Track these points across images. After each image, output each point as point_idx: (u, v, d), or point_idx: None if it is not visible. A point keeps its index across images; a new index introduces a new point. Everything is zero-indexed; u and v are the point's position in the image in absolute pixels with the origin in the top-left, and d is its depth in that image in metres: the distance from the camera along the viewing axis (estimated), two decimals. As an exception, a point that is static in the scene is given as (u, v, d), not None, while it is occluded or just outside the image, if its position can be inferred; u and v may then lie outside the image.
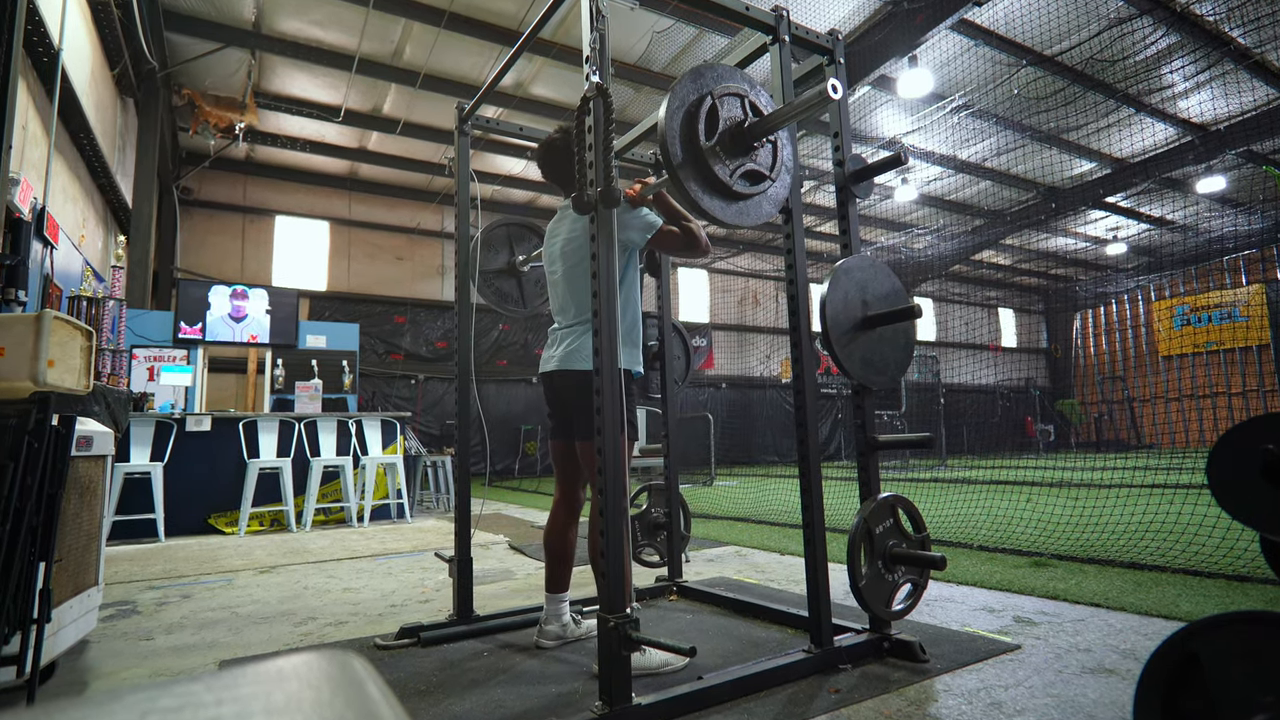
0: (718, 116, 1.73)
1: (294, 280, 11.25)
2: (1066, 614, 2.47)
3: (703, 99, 1.72)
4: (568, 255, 2.24)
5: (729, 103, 1.78)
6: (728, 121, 1.75)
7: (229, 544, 4.80)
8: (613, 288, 1.75)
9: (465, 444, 2.63)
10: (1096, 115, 9.88)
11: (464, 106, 2.75)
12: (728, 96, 1.78)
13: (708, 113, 1.72)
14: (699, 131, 1.69)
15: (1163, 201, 13.31)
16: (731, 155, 1.74)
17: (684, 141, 1.68)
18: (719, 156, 1.71)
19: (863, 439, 2.17)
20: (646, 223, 2.14)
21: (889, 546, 2.05)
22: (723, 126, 1.73)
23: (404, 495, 6.00)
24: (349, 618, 2.75)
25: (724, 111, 1.75)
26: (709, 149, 1.69)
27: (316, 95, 9.18)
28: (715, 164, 1.69)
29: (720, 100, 1.75)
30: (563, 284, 2.27)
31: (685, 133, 1.69)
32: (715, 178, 1.69)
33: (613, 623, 1.59)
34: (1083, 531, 3.93)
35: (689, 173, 1.66)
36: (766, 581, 3.23)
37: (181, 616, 2.80)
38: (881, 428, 11.87)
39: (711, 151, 1.70)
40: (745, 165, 1.76)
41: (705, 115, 1.71)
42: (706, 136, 1.70)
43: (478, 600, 2.69)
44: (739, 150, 1.76)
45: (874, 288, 2.16)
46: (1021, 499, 5.80)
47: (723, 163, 1.71)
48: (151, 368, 6.44)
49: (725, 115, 1.75)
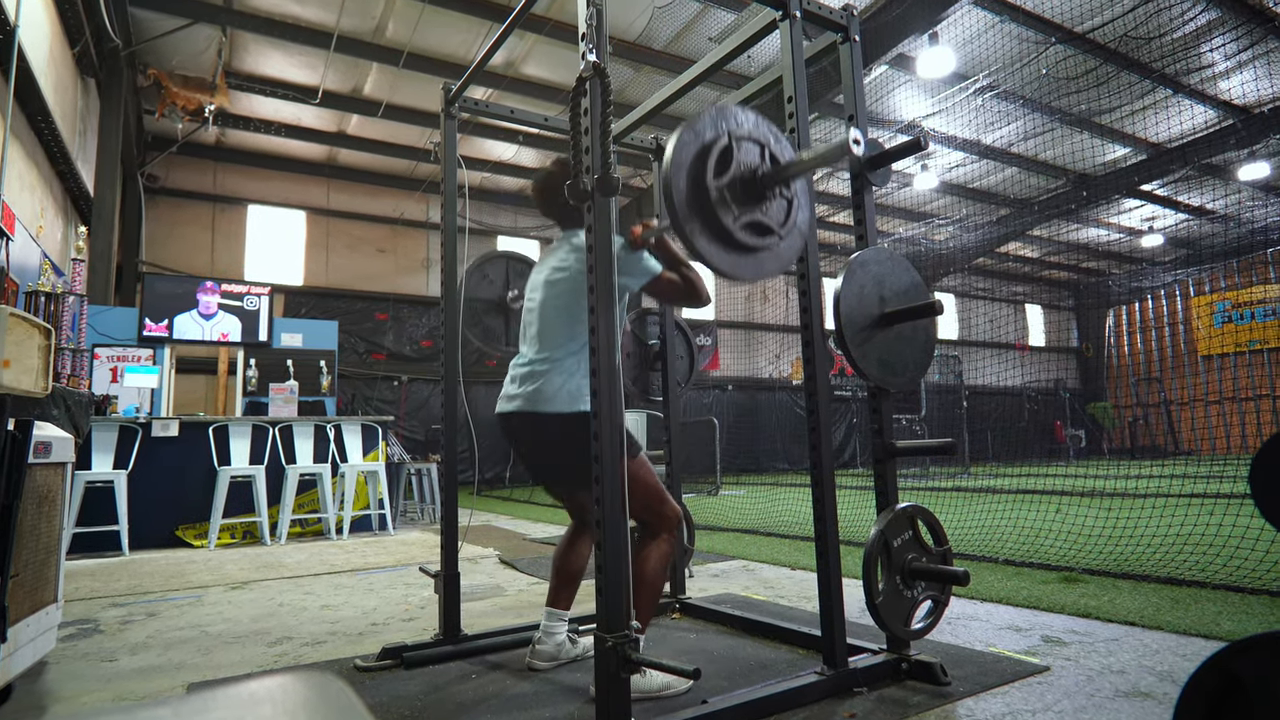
0: (731, 160, 1.71)
1: (268, 274, 11.25)
2: (1099, 633, 2.47)
3: (718, 139, 1.71)
4: (553, 283, 2.17)
5: (747, 148, 1.76)
6: (742, 166, 1.74)
7: (198, 558, 4.79)
8: (612, 295, 1.74)
9: (452, 450, 2.63)
10: (1130, 97, 9.88)
11: (451, 87, 2.75)
12: (747, 142, 1.76)
13: (721, 153, 1.70)
14: (708, 171, 1.67)
15: (1202, 190, 13.31)
16: (740, 203, 1.72)
17: (690, 178, 1.66)
18: (726, 202, 1.69)
19: (879, 445, 2.17)
20: (645, 268, 2.10)
21: (908, 560, 2.05)
22: (735, 171, 1.72)
23: (386, 505, 6.00)
24: (327, 637, 2.75)
25: (740, 155, 1.73)
26: (716, 190, 1.67)
27: (292, 75, 9.18)
28: (720, 208, 1.67)
29: (737, 143, 1.73)
30: (538, 312, 2.18)
31: (693, 170, 1.66)
32: (718, 222, 1.67)
33: (611, 642, 1.59)
34: (1116, 544, 3.93)
35: (691, 212, 1.64)
36: (776, 598, 3.22)
37: (147, 636, 2.80)
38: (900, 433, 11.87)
39: (719, 193, 1.68)
40: (753, 216, 1.74)
41: (718, 156, 1.69)
42: (715, 176, 1.68)
43: (466, 618, 2.69)
44: (749, 199, 1.74)
45: (892, 282, 2.16)
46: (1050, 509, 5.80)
47: (729, 208, 1.69)
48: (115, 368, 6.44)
49: (741, 160, 1.73)
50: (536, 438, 2.12)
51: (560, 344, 2.10)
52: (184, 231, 10.90)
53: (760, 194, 1.75)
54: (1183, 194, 13.65)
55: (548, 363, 2.10)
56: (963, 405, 11.94)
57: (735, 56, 2.49)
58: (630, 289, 2.12)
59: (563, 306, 2.12)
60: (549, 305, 2.16)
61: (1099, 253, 17.20)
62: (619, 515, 1.68)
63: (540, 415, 2.06)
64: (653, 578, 2.05)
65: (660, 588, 2.09)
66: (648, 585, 2.04)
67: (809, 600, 3.13)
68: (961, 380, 13.17)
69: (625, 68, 8.98)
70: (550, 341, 2.12)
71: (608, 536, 1.65)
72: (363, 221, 12.27)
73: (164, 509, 5.36)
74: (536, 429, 2.09)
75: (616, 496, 1.69)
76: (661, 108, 2.89)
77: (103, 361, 6.42)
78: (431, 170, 11.81)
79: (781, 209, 1.81)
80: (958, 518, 5.33)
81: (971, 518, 5.30)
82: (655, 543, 2.07)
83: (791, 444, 14.68)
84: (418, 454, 10.16)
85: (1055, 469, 12.12)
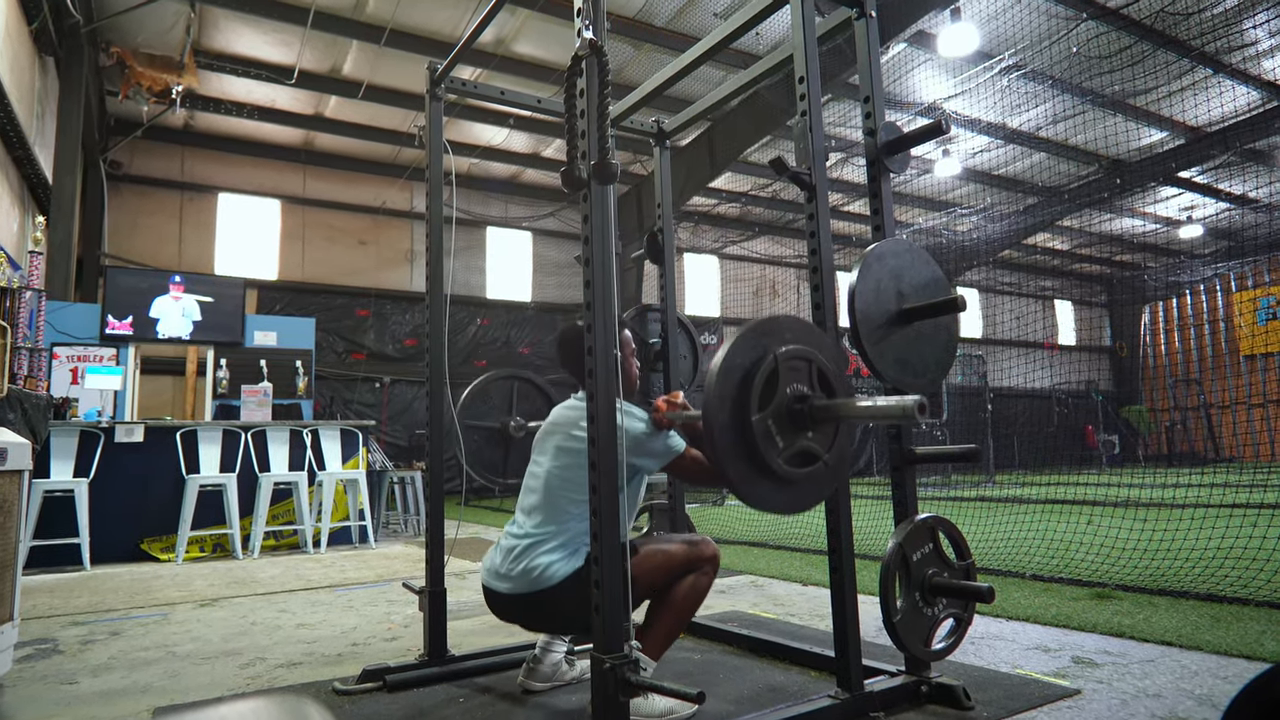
0: (776, 385, 1.70)
1: (240, 268, 11.25)
2: (1133, 654, 2.47)
3: (763, 359, 1.69)
4: (565, 451, 2.11)
5: (794, 369, 1.74)
6: (790, 394, 1.72)
7: (165, 573, 4.79)
8: (609, 279, 1.74)
9: (438, 457, 2.63)
10: (1168, 77, 9.88)
11: (436, 67, 2.75)
12: (795, 362, 1.74)
13: (766, 379, 1.68)
14: (752, 402, 1.65)
15: (1245, 177, 13.31)
16: (784, 433, 1.71)
17: (734, 410, 1.64)
18: (770, 436, 1.67)
19: (897, 451, 2.17)
20: (668, 447, 2.06)
21: (928, 576, 2.05)
22: (779, 400, 1.70)
23: (367, 517, 6.00)
24: (303, 658, 2.75)
25: (785, 380, 1.71)
26: (759, 424, 1.65)
27: (266, 54, 9.17)
28: (764, 443, 1.65)
29: (782, 364, 1.71)
30: (543, 480, 2.13)
31: (737, 401, 1.65)
32: (761, 459, 1.65)
33: (609, 664, 1.59)
34: (1152, 558, 3.93)
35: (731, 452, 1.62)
36: (786, 616, 3.23)
37: (110, 657, 2.80)
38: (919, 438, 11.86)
39: (763, 428, 1.66)
40: (798, 445, 1.72)
41: (763, 383, 1.67)
42: (760, 408, 1.66)
43: (453, 637, 2.69)
44: (794, 429, 1.72)
45: (911, 276, 2.16)
46: (1081, 521, 5.80)
47: (773, 443, 1.68)
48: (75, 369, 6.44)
49: (786, 385, 1.72)
50: (533, 614, 2.08)
51: (563, 520, 2.05)
52: (150, 222, 10.90)
53: (805, 426, 1.73)
54: (1224, 181, 13.64)
55: (548, 536, 2.04)
56: (987, 409, 11.94)
57: (742, 34, 2.49)
58: (649, 470, 2.09)
59: (571, 479, 2.06)
60: (556, 476, 2.10)
61: (1134, 245, 17.19)
62: (614, 526, 1.68)
63: (536, 595, 2.01)
64: (680, 604, 2.04)
65: (687, 619, 2.08)
66: (673, 611, 2.04)
67: (822, 618, 3.14)
68: (986, 382, 13.17)
69: (624, 46, 8.98)
70: (553, 514, 2.07)
71: (604, 552, 1.65)
72: (342, 211, 12.26)
73: (128, 520, 5.35)
74: (533, 607, 2.04)
75: (612, 502, 1.69)
76: (663, 88, 2.89)
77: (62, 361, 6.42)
78: (416, 156, 11.81)
79: (829, 431, 1.78)
80: (982, 529, 5.33)
81: (996, 530, 5.30)
82: (695, 574, 2.07)
83: (803, 450, 14.66)
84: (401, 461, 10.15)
85: (1086, 477, 12.12)
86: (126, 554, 5.33)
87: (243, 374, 7.15)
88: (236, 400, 6.82)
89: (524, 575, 2.01)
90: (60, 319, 6.70)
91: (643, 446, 2.02)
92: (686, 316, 3.25)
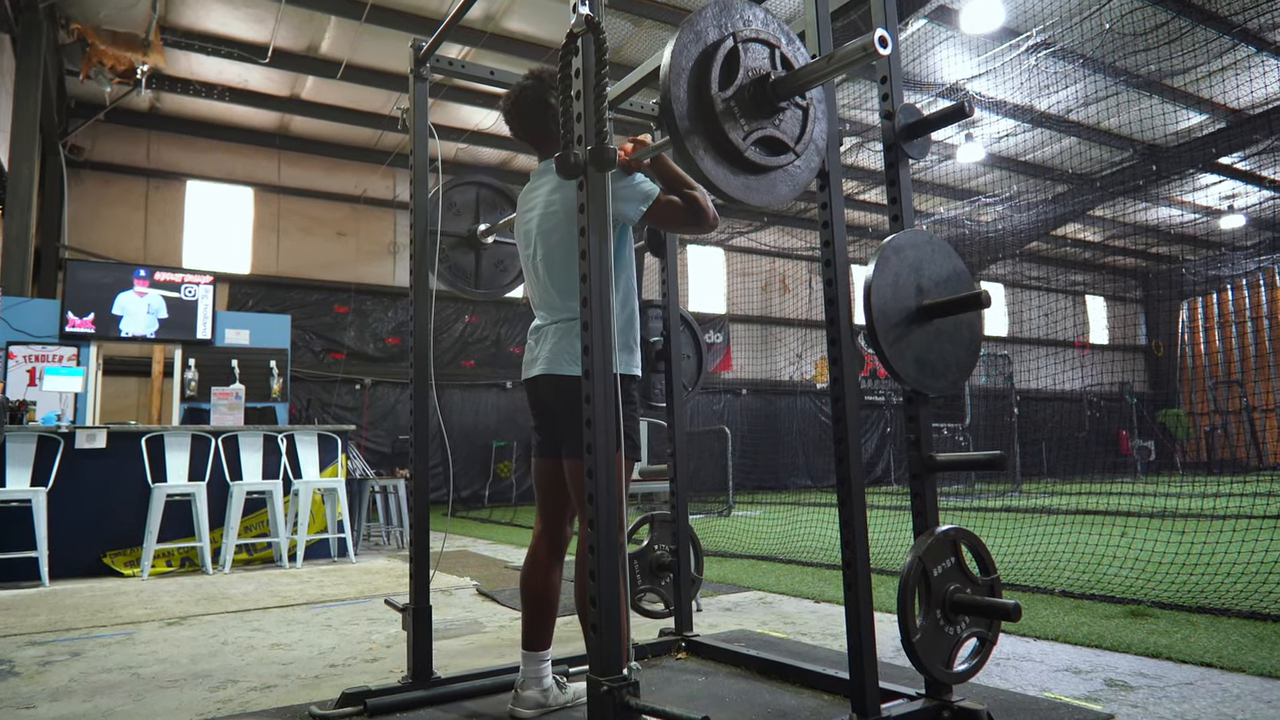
0: (738, 65, 1.73)
1: (210, 261, 11.26)
2: (1171, 676, 2.47)
3: (722, 40, 1.73)
4: (547, 233, 2.24)
5: (755, 51, 1.78)
6: (750, 73, 1.76)
7: (129, 588, 4.79)
8: (606, 271, 1.75)
9: (423, 465, 2.63)
10: (1207, 55, 9.88)
11: (421, 45, 2.75)
12: (755, 43, 1.78)
13: (726, 57, 1.72)
14: (712, 79, 1.69)
15: (1290, 163, 13.32)
16: (749, 115, 1.75)
17: (691, 88, 1.68)
18: (733, 114, 1.71)
19: (917, 458, 2.17)
20: (642, 192, 2.14)
21: (950, 592, 2.05)
22: (742, 78, 1.74)
23: (347, 528, 6.00)
24: (278, 680, 2.75)
25: (747, 60, 1.75)
26: (722, 101, 1.70)
27: (237, 30, 9.18)
28: (726, 122, 1.70)
29: (744, 45, 1.75)
30: (543, 269, 2.27)
31: (695, 78, 1.69)
32: (724, 138, 1.70)
33: (606, 687, 1.59)
34: (1191, 573, 3.92)
35: (692, 127, 1.67)
36: (797, 635, 3.23)
37: (70, 679, 2.80)
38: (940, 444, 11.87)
39: (725, 105, 1.70)
40: (764, 130, 1.76)
41: (723, 60, 1.72)
42: (721, 86, 1.71)
43: (438, 658, 2.68)
44: (760, 111, 1.76)
45: (931, 270, 2.16)
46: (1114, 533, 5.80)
47: (736, 122, 1.72)
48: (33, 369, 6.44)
49: (748, 65, 1.75)
50: (552, 400, 2.23)
51: (566, 304, 2.20)
52: (113, 211, 10.91)
53: (772, 105, 1.77)
54: (1268, 168, 13.65)
55: (559, 325, 2.22)
56: (1013, 412, 11.94)
57: (750, 9, 2.48)
58: (629, 218, 2.16)
59: (560, 259, 2.20)
60: (548, 261, 2.24)
61: (1171, 236, 17.19)
62: (614, 541, 1.67)
63: (560, 377, 2.18)
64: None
65: None
66: None
67: (835, 638, 3.14)
68: (1012, 384, 13.17)
69: (623, 21, 8.98)
70: (556, 303, 2.23)
71: (602, 566, 1.65)
72: (319, 200, 12.28)
73: (89, 532, 5.35)
74: (557, 391, 2.20)
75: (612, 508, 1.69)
76: (665, 68, 2.89)
77: (19, 361, 6.42)
78: (398, 140, 11.81)
79: (796, 121, 1.83)
80: (1007, 542, 5.33)
81: (1023, 542, 5.30)
82: None
83: (815, 457, 14.69)
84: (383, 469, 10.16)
85: (1120, 486, 12.13)
86: (88, 569, 5.32)
87: (213, 375, 7.15)
88: (206, 403, 6.81)
89: (551, 357, 2.21)
90: (16, 316, 6.70)
91: (614, 190, 2.07)
92: (690, 313, 3.25)
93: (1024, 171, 13.46)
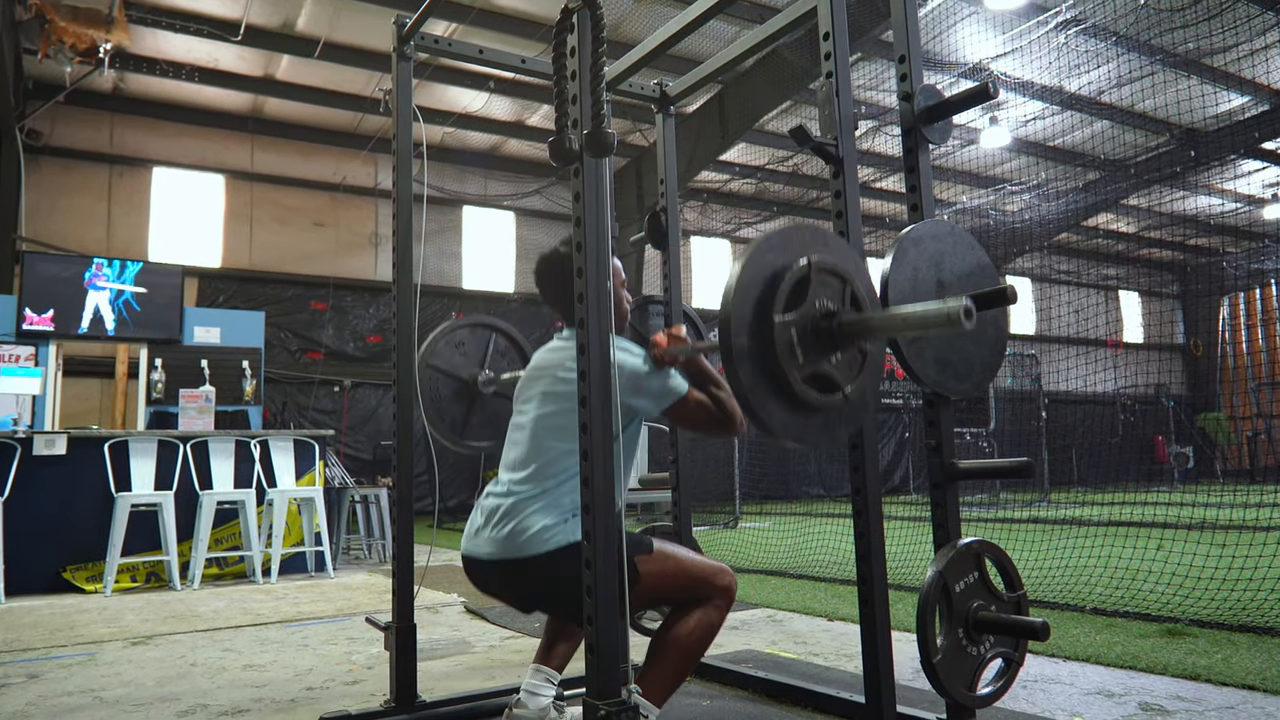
0: (805, 294, 1.71)
1: (178, 254, 11.25)
2: (1210, 699, 2.47)
3: (792, 265, 1.70)
4: (552, 396, 2.12)
5: (825, 283, 1.75)
6: (818, 306, 1.73)
7: (91, 605, 4.79)
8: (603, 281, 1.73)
9: (407, 472, 2.63)
10: (1250, 33, 9.87)
11: (405, 21, 2.74)
12: (827, 275, 1.75)
13: (794, 285, 1.70)
14: (777, 304, 1.67)
15: (1339, 148, 13.32)
16: (806, 350, 1.71)
17: (755, 315, 1.66)
18: (791, 346, 1.68)
19: (938, 465, 2.17)
20: (670, 388, 2.05)
21: (973, 609, 2.05)
22: (807, 310, 1.71)
23: (325, 541, 6.00)
24: (251, 704, 2.75)
25: (815, 291, 1.73)
26: (781, 329, 1.67)
27: (207, 6, 9.18)
28: (783, 353, 1.67)
29: (815, 273, 1.72)
30: (529, 430, 2.15)
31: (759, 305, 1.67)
32: (777, 371, 1.66)
33: (604, 711, 1.59)
34: (1232, 589, 3.92)
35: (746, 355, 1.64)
36: (809, 656, 3.23)
37: (27, 703, 2.80)
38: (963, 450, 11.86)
39: (785, 335, 1.67)
40: (818, 367, 1.74)
41: (790, 288, 1.69)
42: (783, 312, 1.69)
43: (423, 680, 2.68)
44: (818, 348, 1.74)
45: (953, 263, 2.16)
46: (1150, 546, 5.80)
47: (793, 355, 1.68)
48: (-13, 370, 6.43)
49: (816, 297, 1.73)
50: (518, 584, 2.10)
51: (554, 473, 2.05)
52: (74, 200, 10.90)
53: (831, 346, 1.75)
54: (1315, 154, 13.65)
55: (534, 495, 2.05)
56: (1041, 416, 11.95)
57: (758, -18, 2.48)
58: (648, 413, 2.09)
59: (562, 426, 2.05)
60: (544, 423, 2.11)
61: (1210, 227, 17.19)
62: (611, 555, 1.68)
63: (519, 562, 2.01)
64: (687, 642, 2.03)
65: (695, 660, 2.07)
66: (678, 650, 2.03)
67: (850, 659, 3.14)
68: (1039, 385, 13.17)
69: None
70: (543, 469, 2.07)
71: (598, 580, 1.65)
72: (295, 188, 12.27)
73: (48, 545, 5.35)
74: (517, 575, 2.05)
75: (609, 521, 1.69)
76: (666, 46, 2.88)
77: (-28, 362, 6.42)
78: (381, 124, 11.81)
79: (854, 363, 1.79)
80: (1035, 556, 5.33)
81: (1052, 556, 5.30)
82: (704, 608, 2.05)
83: (828, 464, 14.69)
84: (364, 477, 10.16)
85: (1156, 495, 12.12)
86: (46, 584, 5.32)
87: (181, 376, 7.15)
88: (174, 406, 6.80)
89: (511, 538, 2.01)
90: (-30, 313, 6.71)
91: (640, 384, 2.02)
92: (694, 309, 3.25)
93: (1052, 158, 13.45)
